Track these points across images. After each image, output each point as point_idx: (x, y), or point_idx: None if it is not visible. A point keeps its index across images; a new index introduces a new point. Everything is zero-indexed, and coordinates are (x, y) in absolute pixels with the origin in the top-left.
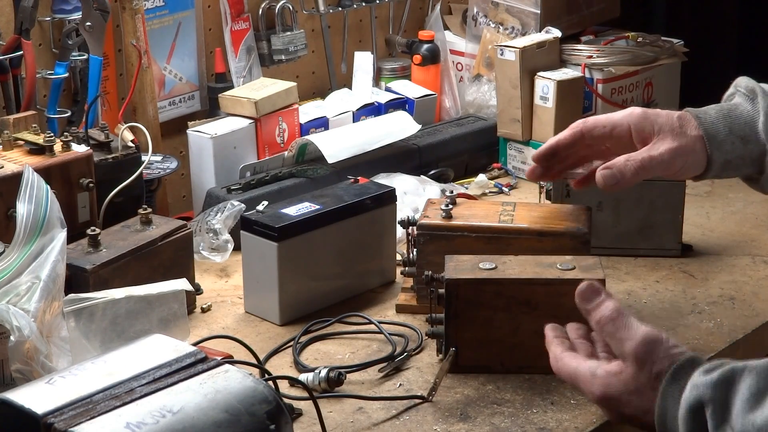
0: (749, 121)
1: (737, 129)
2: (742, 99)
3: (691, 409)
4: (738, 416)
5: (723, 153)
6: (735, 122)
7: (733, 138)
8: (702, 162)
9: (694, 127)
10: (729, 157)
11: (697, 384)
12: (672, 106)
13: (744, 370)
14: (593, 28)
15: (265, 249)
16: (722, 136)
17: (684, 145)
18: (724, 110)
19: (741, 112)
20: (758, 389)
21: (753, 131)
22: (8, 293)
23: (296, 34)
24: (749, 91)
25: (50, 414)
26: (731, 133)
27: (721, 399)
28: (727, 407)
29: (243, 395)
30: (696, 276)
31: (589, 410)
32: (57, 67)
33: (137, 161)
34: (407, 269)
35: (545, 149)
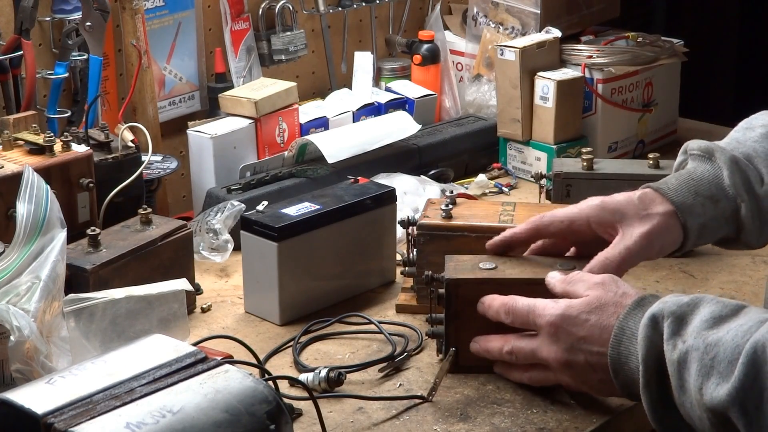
0: (713, 179)
1: (703, 190)
2: (698, 161)
3: (653, 317)
4: (692, 332)
5: (696, 217)
6: (699, 184)
7: (702, 200)
8: (678, 235)
9: (659, 203)
10: (702, 220)
11: (666, 300)
12: (672, 106)
13: (712, 300)
14: (593, 28)
15: (265, 249)
16: (690, 201)
17: (656, 226)
18: (683, 176)
19: (702, 174)
20: (719, 315)
21: (719, 189)
22: (8, 293)
23: (296, 34)
24: (704, 151)
25: (50, 414)
26: (698, 195)
27: (682, 315)
28: (684, 322)
29: (243, 395)
30: (696, 276)
31: (589, 410)
32: (57, 67)
33: (137, 161)
34: (407, 269)
35: (498, 241)
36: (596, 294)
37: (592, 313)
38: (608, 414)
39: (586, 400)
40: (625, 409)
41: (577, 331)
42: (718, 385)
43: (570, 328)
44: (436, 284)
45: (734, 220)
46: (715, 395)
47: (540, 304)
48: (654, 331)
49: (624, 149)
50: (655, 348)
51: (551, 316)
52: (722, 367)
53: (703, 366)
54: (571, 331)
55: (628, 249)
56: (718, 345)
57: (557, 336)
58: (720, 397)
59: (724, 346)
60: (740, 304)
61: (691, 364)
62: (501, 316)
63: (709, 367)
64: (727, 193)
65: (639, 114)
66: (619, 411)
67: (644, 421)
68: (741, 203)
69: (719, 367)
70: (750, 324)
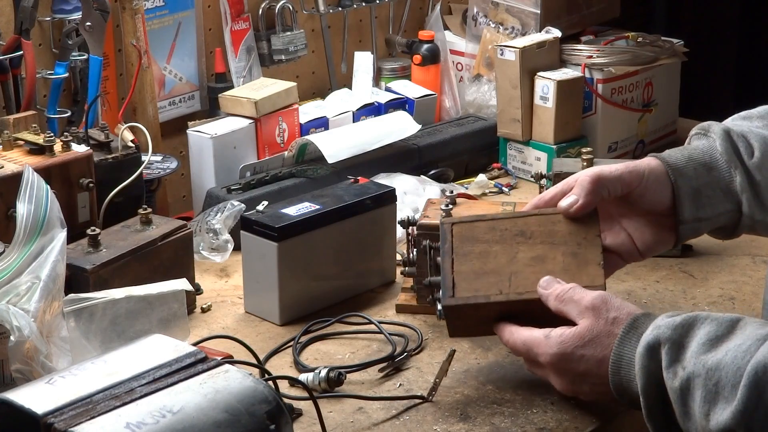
0: (707, 149)
1: (697, 156)
2: (696, 139)
3: (649, 347)
4: (691, 357)
5: (687, 179)
6: (693, 152)
7: (695, 164)
8: (666, 189)
9: (648, 158)
10: (695, 184)
11: (659, 325)
12: (672, 106)
13: (706, 318)
14: (593, 28)
15: (265, 249)
16: (682, 163)
17: (632, 165)
18: (680, 148)
19: (696, 146)
20: (716, 336)
21: (713, 158)
22: (8, 293)
23: (296, 34)
24: (701, 128)
25: (50, 414)
26: (691, 160)
27: (679, 340)
28: (682, 347)
29: (243, 395)
30: (696, 276)
31: (589, 410)
32: (57, 67)
33: (137, 161)
34: (407, 269)
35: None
36: (587, 324)
37: (586, 347)
38: (608, 414)
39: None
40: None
41: (576, 367)
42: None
43: (569, 366)
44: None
45: (730, 192)
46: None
47: (535, 341)
48: (651, 360)
49: (624, 149)
50: (654, 377)
51: (549, 356)
52: (726, 392)
53: (707, 392)
54: (570, 368)
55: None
56: (719, 369)
57: (559, 372)
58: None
59: (726, 370)
60: (734, 318)
61: (695, 391)
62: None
63: (714, 393)
64: (719, 162)
65: (639, 114)
66: (619, 411)
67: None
68: (734, 170)
69: (723, 392)
70: (749, 343)
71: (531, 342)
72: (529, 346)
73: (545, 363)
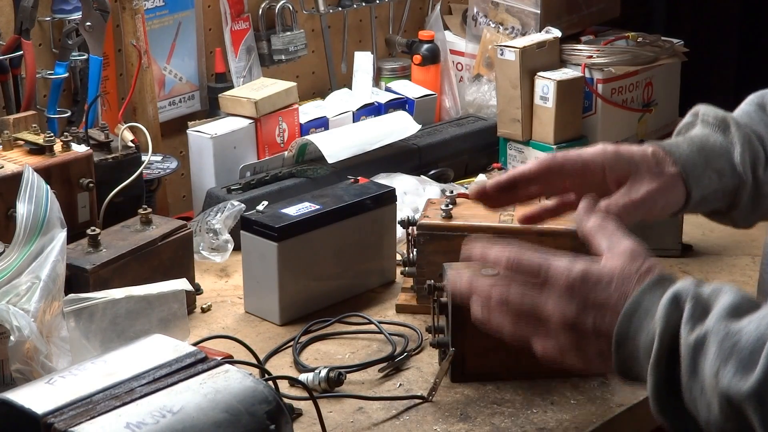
0: (723, 153)
1: (713, 162)
2: (710, 130)
3: (675, 297)
4: (713, 317)
5: (701, 188)
6: (711, 156)
7: (710, 172)
8: (681, 199)
9: (670, 164)
10: (705, 192)
11: (688, 282)
12: (672, 106)
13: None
14: (593, 28)
15: (265, 249)
16: (700, 171)
17: (663, 185)
18: (695, 143)
19: (714, 145)
20: (740, 305)
21: (728, 163)
22: (8, 293)
23: (296, 34)
24: (719, 121)
25: (50, 414)
26: (708, 166)
27: (704, 300)
28: (705, 307)
29: (243, 395)
30: (696, 276)
31: (589, 410)
32: (57, 67)
33: (137, 161)
34: (407, 269)
35: (505, 179)
36: (620, 263)
37: (614, 281)
38: (608, 414)
39: (586, 400)
40: (625, 409)
41: (596, 295)
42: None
43: (589, 289)
44: (437, 293)
45: (732, 196)
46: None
47: (556, 260)
48: (675, 310)
49: None
50: (673, 327)
51: (572, 273)
52: (743, 355)
53: (721, 351)
54: (590, 293)
55: (633, 202)
56: (740, 333)
57: (572, 294)
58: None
59: (747, 335)
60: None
61: (709, 348)
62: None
63: (728, 353)
64: (735, 170)
65: (639, 114)
66: (619, 411)
67: (644, 421)
68: (745, 181)
69: (740, 354)
70: None
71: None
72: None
73: (561, 280)
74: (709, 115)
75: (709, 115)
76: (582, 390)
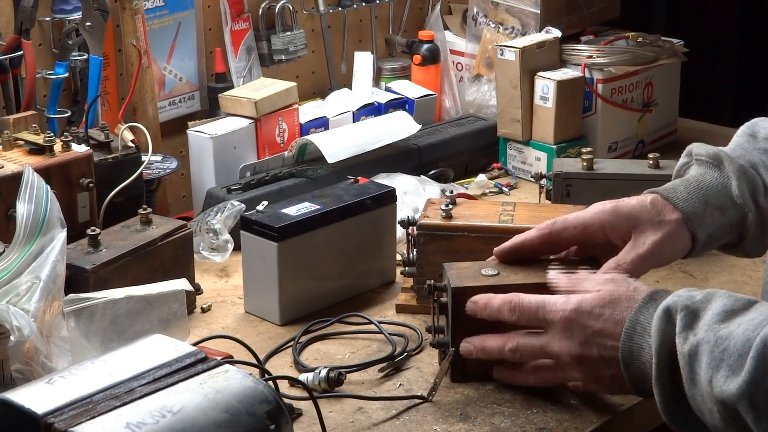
0: (722, 189)
1: (713, 200)
2: (705, 168)
3: (666, 310)
4: (703, 326)
5: (705, 228)
6: (708, 194)
7: (712, 210)
8: (687, 243)
9: (670, 211)
10: (711, 230)
11: (680, 294)
12: (672, 106)
13: (726, 294)
14: (593, 28)
15: (265, 249)
16: (701, 212)
17: (667, 234)
18: (692, 184)
19: (710, 182)
20: (731, 309)
21: (728, 198)
22: (8, 293)
23: (296, 34)
24: (712, 158)
25: (50, 414)
26: (708, 205)
27: (695, 309)
28: (696, 316)
29: (243, 395)
30: (696, 276)
31: (589, 410)
32: (57, 67)
33: (137, 161)
34: (407, 269)
35: (508, 248)
36: (608, 289)
37: (606, 307)
38: (608, 414)
39: (586, 400)
40: (626, 409)
41: (593, 325)
42: (728, 378)
43: (585, 322)
44: (438, 293)
45: (739, 228)
46: (725, 388)
47: (551, 300)
48: (667, 323)
49: (624, 149)
50: (668, 341)
51: (565, 311)
52: (732, 360)
53: (713, 359)
54: (586, 325)
55: (641, 256)
56: (729, 338)
57: (571, 330)
58: (730, 390)
59: (735, 340)
60: (752, 299)
61: (702, 357)
62: (504, 314)
63: (719, 360)
64: (735, 203)
65: (639, 114)
66: (619, 411)
67: (644, 421)
68: (748, 213)
69: (729, 360)
70: (761, 318)
71: (545, 300)
72: (541, 304)
73: (557, 320)
74: (701, 154)
75: (701, 154)
76: None
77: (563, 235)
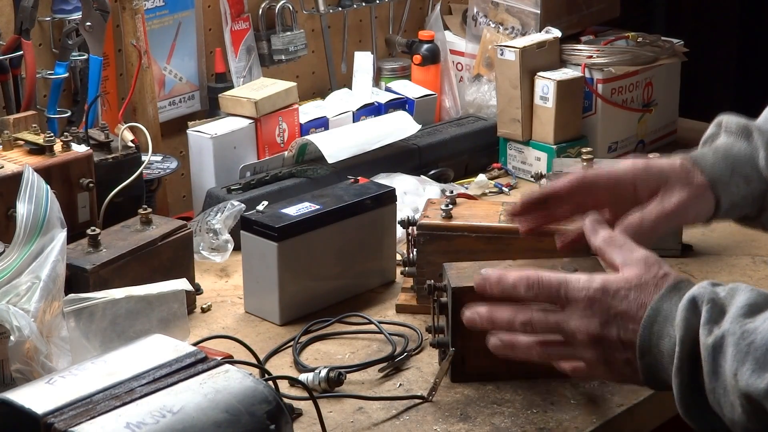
0: (749, 159)
1: (739, 169)
2: (734, 138)
3: (692, 300)
4: (728, 318)
5: (729, 195)
6: (736, 163)
7: (737, 179)
8: (710, 207)
9: (698, 174)
10: (735, 199)
11: (704, 285)
12: (672, 106)
13: (750, 288)
14: (593, 28)
15: (265, 249)
16: (727, 179)
17: (693, 195)
18: (720, 152)
19: (738, 151)
20: (756, 303)
21: (754, 169)
22: (8, 293)
23: (296, 34)
24: (741, 129)
25: (50, 414)
26: (734, 173)
27: (721, 302)
28: (722, 309)
29: (243, 395)
30: (696, 276)
31: (589, 410)
32: (57, 67)
33: (137, 161)
34: (407, 269)
35: (537, 196)
36: (637, 272)
37: (632, 290)
38: (608, 414)
39: (586, 400)
40: (626, 409)
41: (617, 305)
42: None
43: (610, 302)
44: (438, 293)
45: (761, 200)
46: (751, 382)
47: (574, 278)
48: (693, 314)
49: (624, 149)
50: (693, 331)
51: (590, 289)
52: (759, 354)
53: (738, 351)
54: (611, 305)
55: (665, 213)
56: (755, 332)
57: (593, 309)
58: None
59: (763, 334)
60: None
61: (727, 349)
62: (520, 290)
63: (744, 353)
64: (760, 174)
65: (639, 114)
66: (619, 411)
67: (644, 421)
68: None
69: (756, 353)
70: None
71: (568, 277)
72: (564, 281)
73: (581, 297)
74: (731, 124)
75: (731, 124)
76: (582, 390)
77: (594, 186)
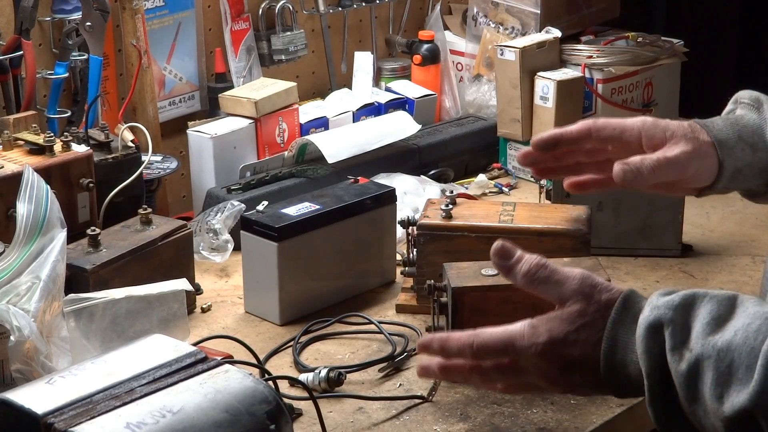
0: (756, 129)
1: (746, 136)
2: (746, 109)
3: (650, 328)
4: (697, 338)
5: (734, 160)
6: (743, 130)
7: (743, 145)
8: (713, 169)
9: (704, 134)
10: (739, 164)
11: (658, 305)
12: (672, 106)
13: (705, 296)
14: (593, 28)
15: (265, 249)
16: (732, 143)
17: (697, 149)
18: (730, 119)
19: (747, 121)
20: (718, 314)
21: (761, 139)
22: (8, 293)
23: (296, 34)
24: (753, 100)
25: (50, 414)
26: (740, 139)
27: (681, 321)
28: (687, 329)
29: (243, 395)
30: (696, 276)
31: (589, 410)
32: (57, 67)
33: (137, 161)
34: (407, 269)
35: (548, 137)
36: (578, 308)
37: (580, 331)
38: (608, 414)
39: (586, 400)
40: (626, 409)
41: (571, 352)
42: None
43: (561, 352)
44: (438, 293)
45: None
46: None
47: (517, 334)
48: (654, 343)
49: None
50: (658, 360)
51: (538, 345)
52: (741, 373)
53: (720, 375)
54: (563, 353)
55: (668, 159)
56: (730, 350)
57: (547, 361)
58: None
59: (738, 351)
60: (730, 295)
61: (705, 373)
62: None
63: (727, 375)
64: (765, 145)
65: (639, 114)
66: (619, 411)
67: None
68: None
69: (738, 373)
70: (758, 323)
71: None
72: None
73: (532, 355)
74: (744, 97)
75: (744, 97)
76: None
77: (602, 133)
